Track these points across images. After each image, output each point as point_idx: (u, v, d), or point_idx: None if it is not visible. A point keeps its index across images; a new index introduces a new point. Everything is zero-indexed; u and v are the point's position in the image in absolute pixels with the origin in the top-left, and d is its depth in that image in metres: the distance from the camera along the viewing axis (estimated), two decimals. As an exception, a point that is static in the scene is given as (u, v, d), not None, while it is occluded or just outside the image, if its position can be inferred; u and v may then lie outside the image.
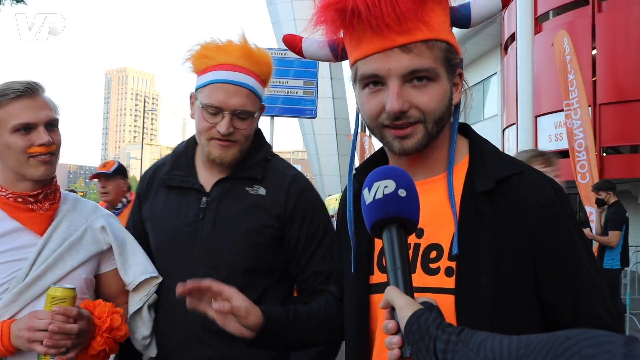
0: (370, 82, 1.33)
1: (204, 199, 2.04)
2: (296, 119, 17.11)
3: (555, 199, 1.31)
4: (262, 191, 2.05)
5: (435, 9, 1.31)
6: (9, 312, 1.78)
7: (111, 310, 1.87)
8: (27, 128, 1.82)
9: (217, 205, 2.03)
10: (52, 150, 1.87)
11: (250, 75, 2.00)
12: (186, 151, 2.16)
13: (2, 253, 1.81)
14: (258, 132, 2.17)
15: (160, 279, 2.03)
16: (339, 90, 20.43)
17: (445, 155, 1.41)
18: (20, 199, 1.87)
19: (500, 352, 0.90)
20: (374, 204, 1.17)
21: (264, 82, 2.07)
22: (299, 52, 1.56)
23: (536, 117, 13.99)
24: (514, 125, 14.91)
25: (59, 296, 1.72)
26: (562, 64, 11.04)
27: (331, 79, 19.89)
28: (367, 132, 18.08)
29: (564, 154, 11.26)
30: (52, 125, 1.88)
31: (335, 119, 20.53)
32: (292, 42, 1.55)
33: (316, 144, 20.68)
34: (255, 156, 2.10)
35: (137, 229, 2.19)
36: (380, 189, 1.16)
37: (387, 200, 1.15)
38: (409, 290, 1.12)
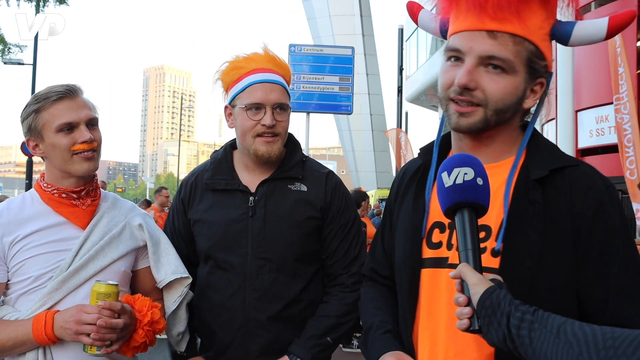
0: (453, 56, 1.43)
1: (250, 198, 2.22)
2: (332, 115, 17.08)
3: (604, 193, 1.36)
4: (303, 188, 2.27)
5: (537, 12, 1.39)
6: (53, 299, 1.88)
7: (151, 305, 1.96)
8: (69, 127, 1.93)
9: (265, 203, 2.21)
10: (93, 147, 1.97)
11: (280, 75, 2.24)
12: (225, 157, 2.35)
13: (47, 244, 1.91)
14: (291, 136, 2.35)
15: (190, 280, 2.13)
16: (375, 86, 20.32)
17: (507, 148, 1.49)
18: (64, 195, 1.97)
19: (585, 339, 0.95)
20: (453, 188, 1.27)
21: (287, 83, 2.28)
22: (415, 19, 1.68)
23: (576, 111, 13.68)
24: (554, 121, 14.63)
25: (104, 292, 1.82)
26: (613, 57, 10.75)
27: (367, 74, 19.79)
28: (404, 128, 17.91)
29: (605, 149, 11.00)
30: (92, 123, 1.99)
31: (371, 114, 20.43)
32: (412, 9, 1.68)
33: (352, 140, 20.63)
34: (293, 157, 2.31)
35: (179, 232, 2.35)
36: (460, 175, 1.26)
37: (467, 187, 1.25)
38: (479, 268, 1.22)
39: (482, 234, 1.39)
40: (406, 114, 23.40)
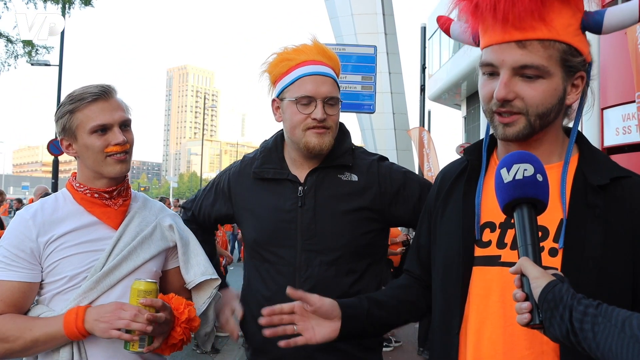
0: (488, 70, 1.45)
1: (300, 188, 2.16)
2: (354, 114, 17.00)
3: None
4: (354, 177, 2.18)
5: (561, 12, 1.40)
6: (87, 299, 1.90)
7: (187, 303, 1.99)
8: (103, 129, 1.94)
9: (314, 193, 2.15)
10: (126, 149, 1.98)
11: (330, 67, 2.18)
12: (275, 147, 2.28)
13: (81, 244, 1.93)
14: (341, 125, 2.28)
15: (219, 281, 2.13)
16: (397, 84, 20.11)
17: (556, 150, 1.52)
18: (96, 195, 1.98)
19: None
20: (513, 184, 1.27)
21: (337, 75, 2.22)
22: (446, 31, 1.69)
23: (602, 109, 13.46)
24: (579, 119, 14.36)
25: (144, 289, 1.84)
26: (634, 53, 10.55)
27: (389, 73, 19.61)
28: (426, 126, 17.74)
29: (632, 147, 10.81)
30: (125, 125, 1.99)
31: (393, 113, 20.22)
32: (443, 21, 1.68)
33: (374, 139, 20.44)
34: (342, 145, 2.23)
35: (208, 210, 2.39)
36: (520, 171, 1.27)
37: (527, 182, 1.26)
38: (539, 263, 1.22)
39: (538, 234, 1.41)
40: (429, 112, 23.22)
